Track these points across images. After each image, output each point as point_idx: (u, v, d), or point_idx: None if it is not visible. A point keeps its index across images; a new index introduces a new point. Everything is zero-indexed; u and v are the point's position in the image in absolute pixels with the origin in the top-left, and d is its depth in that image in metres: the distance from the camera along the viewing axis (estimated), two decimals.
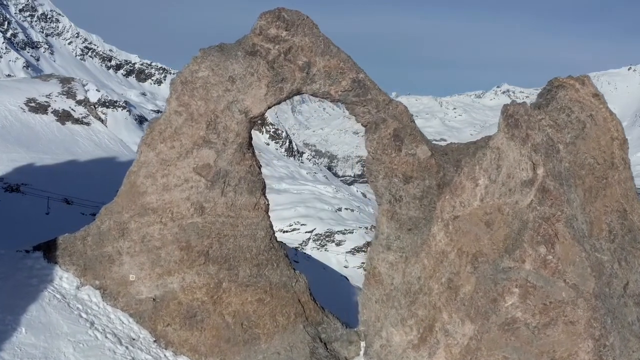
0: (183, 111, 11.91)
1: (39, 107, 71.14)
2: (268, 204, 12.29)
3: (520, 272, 11.32)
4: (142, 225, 12.14)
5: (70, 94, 76.13)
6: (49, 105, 72.03)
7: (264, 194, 12.28)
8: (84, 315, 12.18)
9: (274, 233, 12.40)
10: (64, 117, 72.74)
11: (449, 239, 11.69)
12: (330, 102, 12.20)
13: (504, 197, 11.52)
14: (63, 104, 74.47)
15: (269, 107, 11.95)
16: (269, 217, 12.36)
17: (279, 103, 12.03)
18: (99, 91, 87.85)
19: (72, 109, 74.02)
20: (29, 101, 71.49)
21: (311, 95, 12.14)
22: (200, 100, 11.87)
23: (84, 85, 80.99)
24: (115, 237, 12.33)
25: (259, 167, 12.28)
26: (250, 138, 12.29)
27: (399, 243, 12.12)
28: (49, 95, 73.91)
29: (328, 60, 11.90)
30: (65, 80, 79.91)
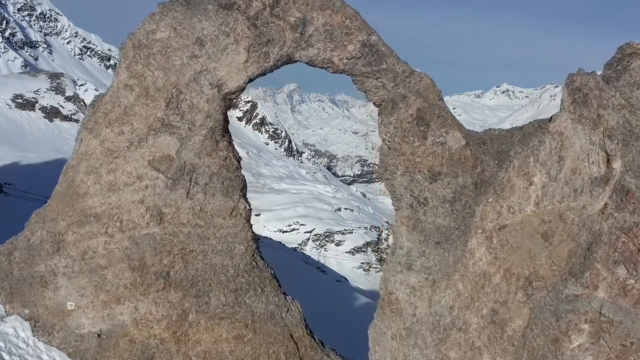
0: (135, 85, 8.89)
1: (26, 104, 68.27)
2: (250, 209, 9.27)
3: (591, 301, 8.34)
4: (82, 237, 9.13)
5: (59, 89, 73.16)
6: (37, 102, 69.15)
7: (244, 195, 9.27)
8: (6, 357, 9.20)
9: (257, 247, 9.38)
10: (52, 113, 69.79)
11: (493, 257, 8.69)
12: (333, 72, 9.17)
13: (568, 199, 8.53)
14: (51, 100, 71.51)
15: (251, 80, 8.93)
16: (250, 226, 9.33)
17: (264, 74, 9.01)
18: (97, 90, 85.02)
19: (61, 106, 71.05)
20: (15, 97, 68.66)
21: (307, 63, 9.12)
22: (158, 70, 8.85)
23: (74, 82, 77.86)
24: (49, 252, 9.34)
25: (238, 160, 9.26)
26: (226, 121, 9.29)
27: (423, 261, 9.11)
28: (37, 91, 71.03)
29: (330, 17, 8.89)
30: (54, 76, 76.99)
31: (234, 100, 9.13)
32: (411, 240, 9.18)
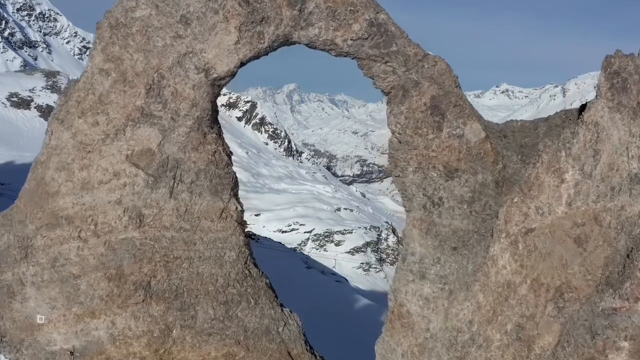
0: (112, 69, 7.84)
1: (21, 102, 67.29)
2: (242, 211, 8.21)
3: (631, 316, 7.28)
4: (52, 242, 8.08)
5: (55, 88, 72.06)
6: (32, 100, 68.12)
7: (235, 195, 8.21)
8: None
9: (250, 253, 8.32)
10: (47, 112, 68.59)
11: (519, 265, 7.64)
12: (336, 55, 8.11)
13: (604, 199, 7.48)
14: (47, 98, 70.40)
15: (242, 64, 7.87)
16: (243, 229, 8.27)
17: (257, 57, 7.95)
18: None
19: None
20: (10, 96, 67.72)
21: (307, 45, 8.06)
22: (138, 53, 7.80)
23: (70, 79, 76.74)
24: (16, 258, 8.28)
25: (229, 155, 8.20)
26: (215, 111, 8.23)
27: (438, 269, 8.05)
28: (33, 89, 70.02)
29: None
30: (50, 74, 76.00)
31: (224, 87, 8.07)
32: (424, 246, 8.13)
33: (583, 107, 8.12)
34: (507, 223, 7.67)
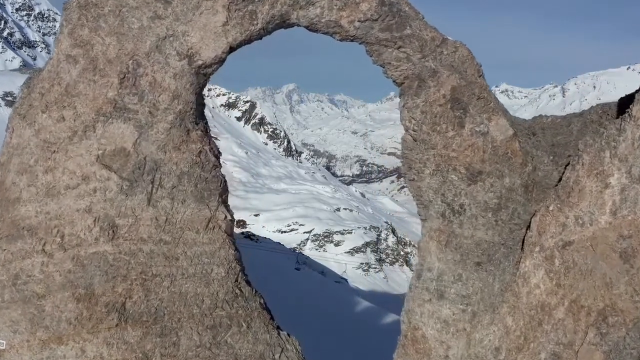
0: (80, 55, 6.74)
1: (16, 101, 66.47)
2: (232, 220, 7.10)
3: None
4: (13, 257, 6.97)
5: None
6: None
7: (224, 202, 7.10)
8: None
9: (242, 269, 7.21)
10: None
11: (555, 284, 6.54)
12: (341, 40, 7.01)
13: None
14: None
15: (232, 49, 6.76)
16: (233, 242, 7.17)
17: (249, 41, 6.84)
18: None
19: None
20: (5, 95, 66.92)
21: (307, 27, 6.96)
22: (110, 36, 6.69)
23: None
24: None
25: (217, 155, 7.10)
26: (201, 105, 7.14)
27: (459, 288, 6.96)
28: None
29: None
30: None
31: (210, 76, 6.96)
32: (443, 260, 7.03)
33: (625, 100, 7.06)
34: (541, 235, 6.58)
